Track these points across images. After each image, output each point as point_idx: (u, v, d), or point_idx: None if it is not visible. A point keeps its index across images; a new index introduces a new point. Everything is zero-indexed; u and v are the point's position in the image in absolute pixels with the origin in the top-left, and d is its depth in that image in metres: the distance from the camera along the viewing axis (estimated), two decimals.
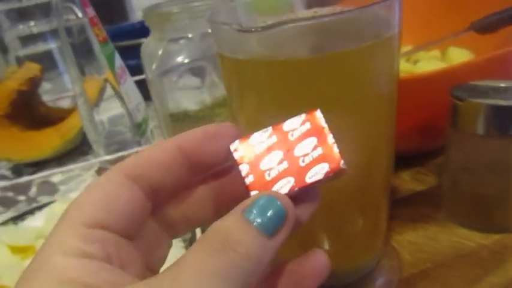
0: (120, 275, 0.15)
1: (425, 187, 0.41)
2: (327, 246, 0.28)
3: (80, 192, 0.16)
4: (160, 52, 0.33)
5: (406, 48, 0.54)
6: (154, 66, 0.34)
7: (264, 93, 0.23)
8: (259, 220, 0.14)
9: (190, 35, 0.34)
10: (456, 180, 0.35)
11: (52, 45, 0.76)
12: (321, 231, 0.28)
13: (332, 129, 0.17)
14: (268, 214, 0.15)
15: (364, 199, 0.27)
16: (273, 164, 0.16)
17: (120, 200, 0.16)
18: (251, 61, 0.22)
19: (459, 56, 0.46)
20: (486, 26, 0.45)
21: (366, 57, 0.21)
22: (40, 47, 0.75)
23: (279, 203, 0.15)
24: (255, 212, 0.15)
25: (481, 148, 0.32)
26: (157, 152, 0.17)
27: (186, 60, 0.34)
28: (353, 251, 0.30)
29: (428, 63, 0.45)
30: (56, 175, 0.55)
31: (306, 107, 0.22)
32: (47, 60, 0.74)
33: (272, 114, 0.23)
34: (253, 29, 0.20)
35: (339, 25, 0.21)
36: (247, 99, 0.24)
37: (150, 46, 0.34)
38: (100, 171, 0.48)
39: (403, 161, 0.45)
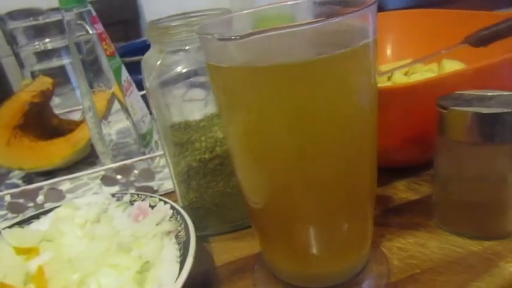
0: None
1: (419, 196, 0.42)
2: (316, 250, 0.29)
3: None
4: (158, 63, 0.35)
5: (405, 61, 0.56)
6: (152, 77, 0.35)
7: (247, 100, 0.24)
8: None
9: (187, 47, 0.36)
10: (446, 188, 0.36)
11: (66, 60, 0.79)
12: (310, 235, 0.29)
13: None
14: None
15: (349, 203, 0.28)
16: None
17: None
18: (233, 69, 0.23)
19: (452, 67, 0.47)
20: (479, 40, 0.46)
21: (340, 63, 0.23)
22: (54, 63, 0.79)
23: None
24: None
25: (468, 156, 0.33)
26: None
27: (184, 70, 0.36)
28: (341, 254, 0.30)
29: (422, 75, 0.46)
30: (64, 183, 0.57)
31: (287, 113, 0.24)
32: (61, 75, 0.77)
33: (256, 120, 0.25)
34: (232, 37, 0.21)
35: (314, 34, 0.22)
36: (233, 107, 0.26)
37: (150, 59, 0.36)
38: (104, 178, 0.50)
39: (399, 171, 0.46)
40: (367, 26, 0.23)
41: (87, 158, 0.66)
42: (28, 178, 0.63)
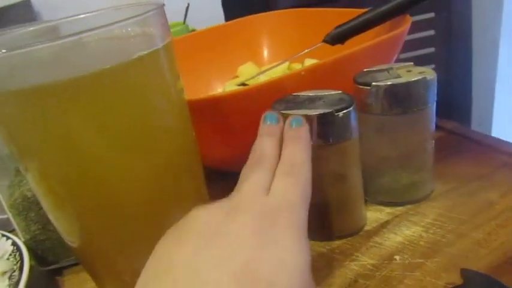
0: None
1: None
2: None
3: None
4: None
5: (277, 63, 0.55)
6: None
7: (15, 128, 0.21)
8: None
9: None
10: None
11: None
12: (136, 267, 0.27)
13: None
14: None
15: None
16: None
17: None
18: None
19: None
20: (333, 38, 0.47)
21: (116, 77, 0.21)
22: None
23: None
24: None
25: None
26: None
27: None
28: None
29: None
30: None
31: (59, 141, 0.21)
32: None
33: (31, 151, 0.22)
34: None
35: (80, 48, 0.20)
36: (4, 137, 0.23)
37: None
38: None
39: None
40: (153, 33, 0.22)
41: None
42: None
